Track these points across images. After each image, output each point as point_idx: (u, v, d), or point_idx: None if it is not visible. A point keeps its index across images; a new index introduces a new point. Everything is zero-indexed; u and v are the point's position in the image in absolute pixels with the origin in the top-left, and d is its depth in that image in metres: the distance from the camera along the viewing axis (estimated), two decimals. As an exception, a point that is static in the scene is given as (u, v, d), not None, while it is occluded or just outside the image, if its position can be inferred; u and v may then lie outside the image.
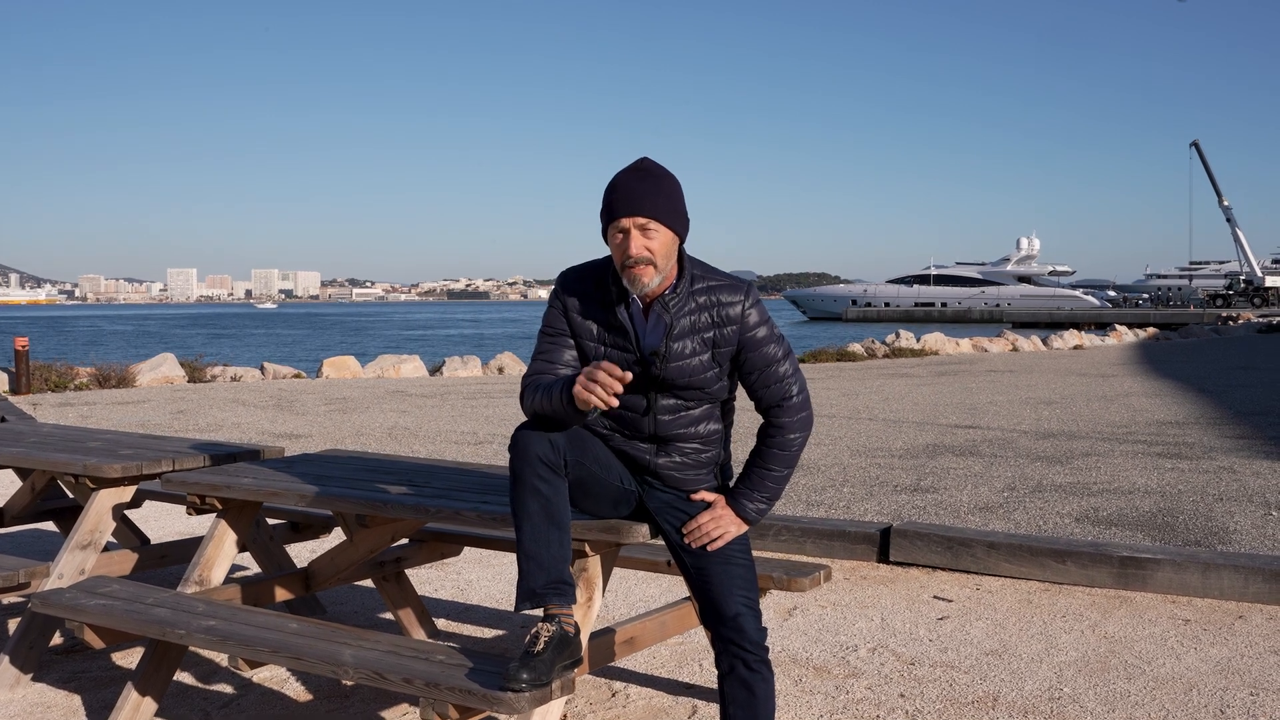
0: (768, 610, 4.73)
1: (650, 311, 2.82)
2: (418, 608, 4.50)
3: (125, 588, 3.60)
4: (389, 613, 4.85)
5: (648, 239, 2.73)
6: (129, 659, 4.29)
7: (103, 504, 4.19)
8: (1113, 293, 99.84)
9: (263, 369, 18.36)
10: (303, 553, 5.88)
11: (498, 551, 5.11)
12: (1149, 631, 4.56)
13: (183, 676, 4.09)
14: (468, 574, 5.63)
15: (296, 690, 3.97)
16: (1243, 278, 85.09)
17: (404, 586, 4.46)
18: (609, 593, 5.17)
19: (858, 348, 23.52)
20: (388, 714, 3.74)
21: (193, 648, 3.87)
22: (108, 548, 4.84)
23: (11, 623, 4.81)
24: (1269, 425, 10.52)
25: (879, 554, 5.72)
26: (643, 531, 2.93)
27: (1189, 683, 3.98)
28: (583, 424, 2.81)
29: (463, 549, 4.54)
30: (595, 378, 2.58)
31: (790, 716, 3.68)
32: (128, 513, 5.30)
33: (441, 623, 4.77)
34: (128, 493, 4.26)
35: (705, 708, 3.75)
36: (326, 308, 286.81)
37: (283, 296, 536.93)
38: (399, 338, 66.56)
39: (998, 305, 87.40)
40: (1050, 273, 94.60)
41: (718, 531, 2.86)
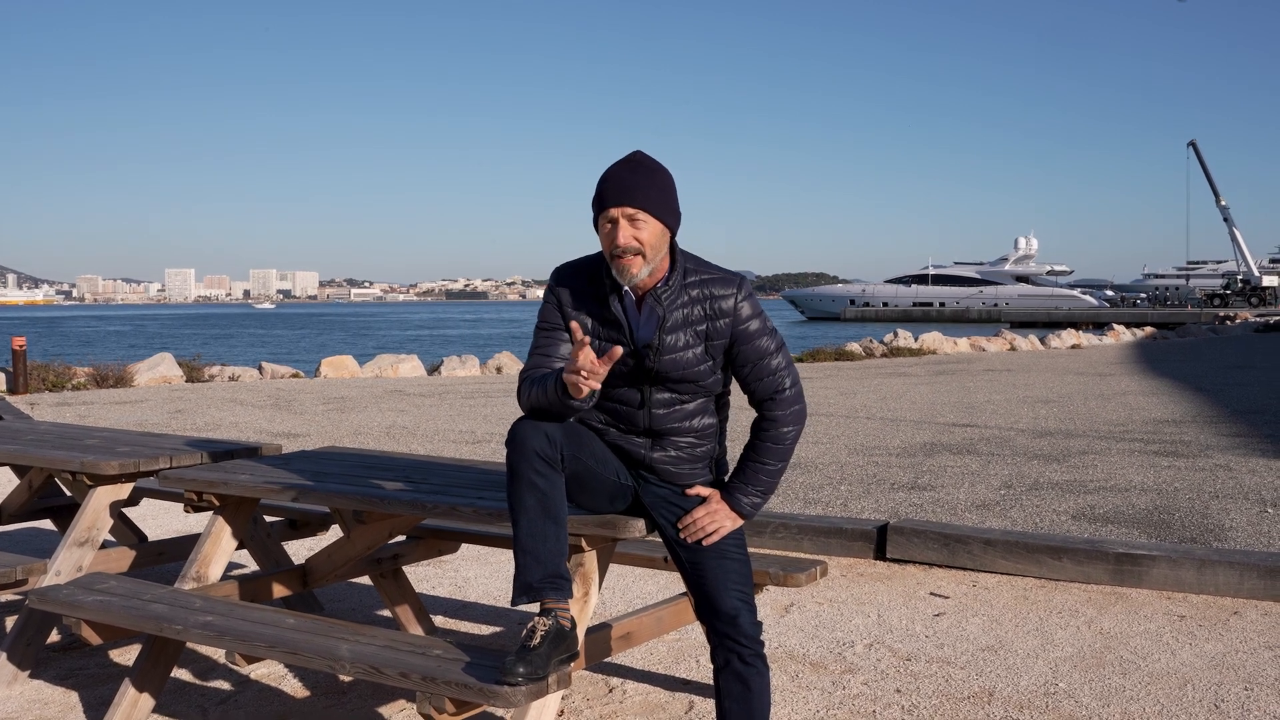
0: (765, 606, 4.73)
1: (643, 304, 2.83)
2: (415, 604, 4.51)
3: (122, 584, 3.60)
4: (386, 610, 4.85)
5: (636, 229, 2.74)
6: (126, 656, 4.29)
7: (100, 501, 4.19)
8: (1110, 292, 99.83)
9: (260, 369, 18.35)
10: (300, 550, 5.89)
11: (495, 548, 5.13)
12: (1144, 627, 4.57)
13: (180, 673, 4.09)
14: (465, 571, 5.64)
15: (294, 686, 3.97)
16: (1240, 277, 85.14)
17: (401, 583, 4.46)
18: (605, 589, 5.18)
19: (856, 347, 23.53)
20: (385, 710, 3.75)
21: (190, 643, 3.87)
22: (105, 545, 4.84)
23: (9, 620, 4.82)
24: (1265, 424, 10.54)
25: (876, 551, 5.73)
26: (639, 526, 2.94)
27: (1184, 678, 3.99)
28: (578, 415, 2.82)
29: (460, 546, 4.54)
30: (577, 359, 2.60)
31: (787, 712, 3.69)
32: (125, 510, 5.31)
33: (439, 619, 4.78)
34: (125, 490, 4.27)
35: (701, 703, 3.76)
36: (325, 308, 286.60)
37: (281, 297, 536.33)
38: (397, 337, 66.52)
39: (995, 305, 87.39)
40: (1048, 272, 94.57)
41: (713, 526, 2.86)
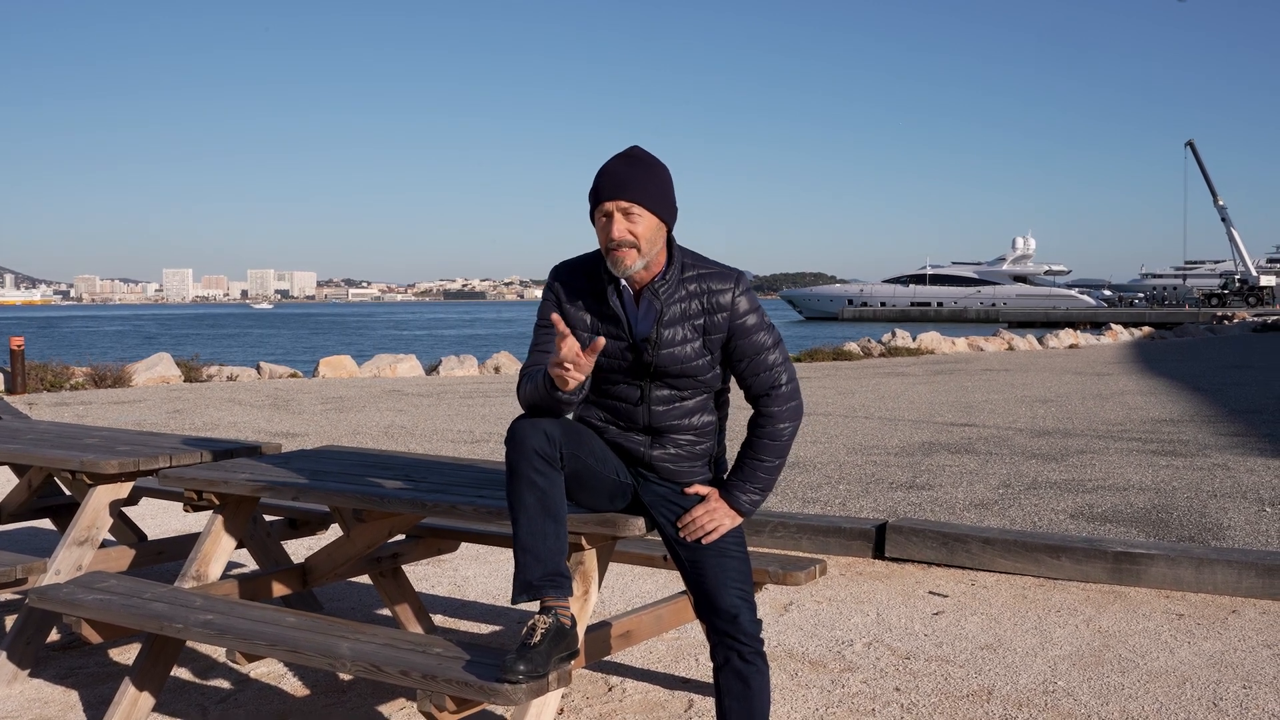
0: (764, 605, 4.74)
1: (641, 299, 2.84)
2: (415, 604, 4.51)
3: (122, 583, 3.60)
4: (386, 609, 4.86)
5: (631, 223, 2.75)
6: (126, 655, 4.30)
7: (100, 500, 4.20)
8: (1108, 292, 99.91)
9: (259, 368, 18.34)
10: (300, 549, 5.89)
11: (495, 547, 5.13)
12: (1143, 626, 4.58)
13: (180, 672, 4.09)
14: (464, 570, 5.64)
15: (294, 685, 3.98)
16: (1238, 277, 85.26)
17: (401, 582, 4.46)
18: (605, 588, 5.18)
19: (854, 347, 23.55)
20: (385, 708, 3.75)
21: (190, 642, 3.88)
22: (105, 545, 4.85)
23: (9, 619, 4.82)
24: (1263, 423, 10.55)
25: (874, 550, 5.74)
26: (639, 525, 2.94)
27: (1182, 676, 3.99)
28: (572, 409, 2.82)
29: (459, 545, 4.54)
30: (560, 350, 2.61)
31: (786, 710, 3.70)
32: (125, 510, 5.31)
33: (438, 619, 4.78)
34: (125, 489, 4.27)
35: (701, 701, 3.76)
36: (322, 308, 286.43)
37: (279, 296, 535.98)
38: (395, 337, 66.50)
39: (993, 305, 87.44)
40: (1046, 272, 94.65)
41: (712, 525, 2.86)
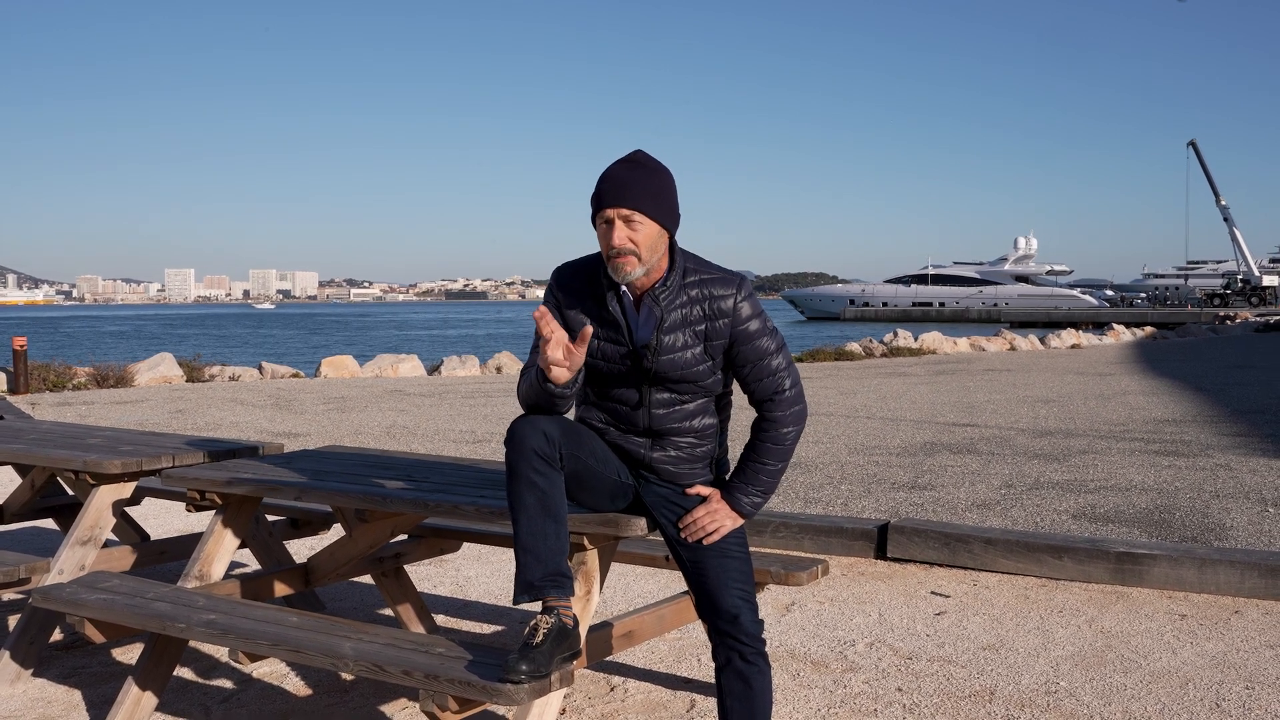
0: (766, 605, 4.74)
1: (642, 305, 2.83)
2: (417, 604, 4.51)
3: (125, 582, 3.61)
4: (388, 609, 4.86)
5: (631, 230, 2.73)
6: (129, 655, 4.30)
7: (103, 500, 4.20)
8: (1110, 292, 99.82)
9: (261, 368, 18.35)
10: (302, 550, 5.89)
11: (496, 547, 5.13)
12: (1145, 626, 4.58)
13: (183, 671, 4.10)
14: (466, 570, 5.64)
15: (296, 685, 3.98)
16: (1240, 277, 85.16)
17: (403, 582, 4.47)
18: (607, 588, 5.18)
19: (856, 347, 23.55)
20: (387, 708, 3.75)
21: (193, 642, 3.89)
22: (107, 545, 4.85)
23: (12, 618, 4.82)
24: (1265, 423, 10.54)
25: (876, 550, 5.74)
26: (640, 525, 2.94)
27: (1185, 676, 3.99)
28: (568, 405, 2.81)
29: (461, 545, 4.55)
30: (547, 347, 2.63)
31: (788, 710, 3.70)
32: (127, 509, 5.31)
33: (440, 619, 4.78)
34: (128, 489, 4.27)
35: (703, 701, 3.76)
36: (324, 308, 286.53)
37: (280, 297, 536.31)
38: (397, 337, 66.52)
39: (995, 305, 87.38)
40: (1048, 272, 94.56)
41: (713, 526, 2.86)
